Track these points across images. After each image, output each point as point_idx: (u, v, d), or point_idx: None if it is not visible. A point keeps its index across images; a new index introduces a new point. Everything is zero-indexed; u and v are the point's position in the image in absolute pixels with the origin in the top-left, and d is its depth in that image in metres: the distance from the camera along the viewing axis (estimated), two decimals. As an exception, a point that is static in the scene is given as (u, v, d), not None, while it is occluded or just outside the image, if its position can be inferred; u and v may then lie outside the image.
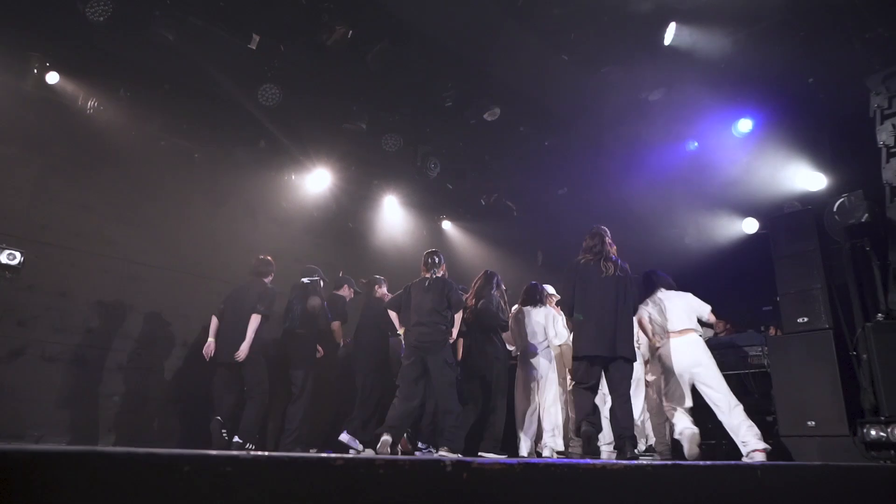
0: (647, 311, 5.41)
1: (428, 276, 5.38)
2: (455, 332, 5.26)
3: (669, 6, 5.99)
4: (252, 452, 0.98)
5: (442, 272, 5.42)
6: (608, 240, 4.91)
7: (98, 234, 6.13)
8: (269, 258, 6.22)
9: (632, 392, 4.82)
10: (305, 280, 6.41)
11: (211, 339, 5.83)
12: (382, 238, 8.61)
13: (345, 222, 8.34)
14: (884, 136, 5.78)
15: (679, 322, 5.30)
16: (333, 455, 1.10)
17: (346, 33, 5.83)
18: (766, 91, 7.02)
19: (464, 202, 8.92)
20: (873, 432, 4.83)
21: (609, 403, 4.74)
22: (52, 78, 5.85)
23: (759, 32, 6.43)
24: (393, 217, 8.67)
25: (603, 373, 4.68)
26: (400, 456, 1.21)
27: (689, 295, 5.53)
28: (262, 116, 6.59)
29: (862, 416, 5.23)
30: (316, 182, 7.76)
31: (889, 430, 4.78)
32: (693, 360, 5.20)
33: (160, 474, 0.91)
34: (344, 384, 6.57)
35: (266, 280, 6.08)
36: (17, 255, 5.23)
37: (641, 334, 5.45)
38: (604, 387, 4.84)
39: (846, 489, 3.02)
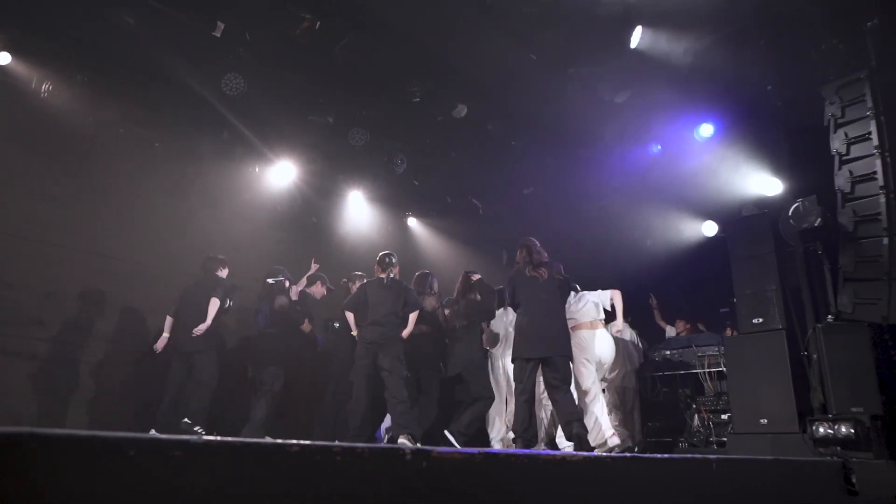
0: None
1: (384, 276, 5.49)
2: (408, 331, 5.42)
3: (637, 9, 6.08)
4: (204, 437, 0.94)
5: (396, 272, 5.47)
6: (536, 248, 5.27)
7: (49, 223, 5.91)
8: (218, 256, 6.14)
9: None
10: (270, 281, 6.33)
11: (165, 335, 5.84)
12: (347, 233, 8.53)
13: (309, 217, 8.23)
14: (837, 143, 5.96)
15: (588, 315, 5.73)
16: (290, 441, 1.07)
17: (314, 24, 5.74)
18: (727, 97, 7.20)
19: (430, 199, 8.90)
20: (821, 429, 4.99)
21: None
22: (4, 59, 5.61)
23: (722, 39, 6.59)
24: (358, 212, 8.60)
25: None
26: (358, 444, 1.19)
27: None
28: (226, 106, 6.45)
29: (811, 414, 5.41)
30: (280, 175, 7.64)
31: (836, 427, 4.94)
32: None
33: (104, 458, 0.86)
34: (319, 382, 6.53)
35: (218, 274, 6.02)
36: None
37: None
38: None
39: (795, 482, 3.11)
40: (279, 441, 1.04)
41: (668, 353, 7.02)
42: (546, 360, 4.84)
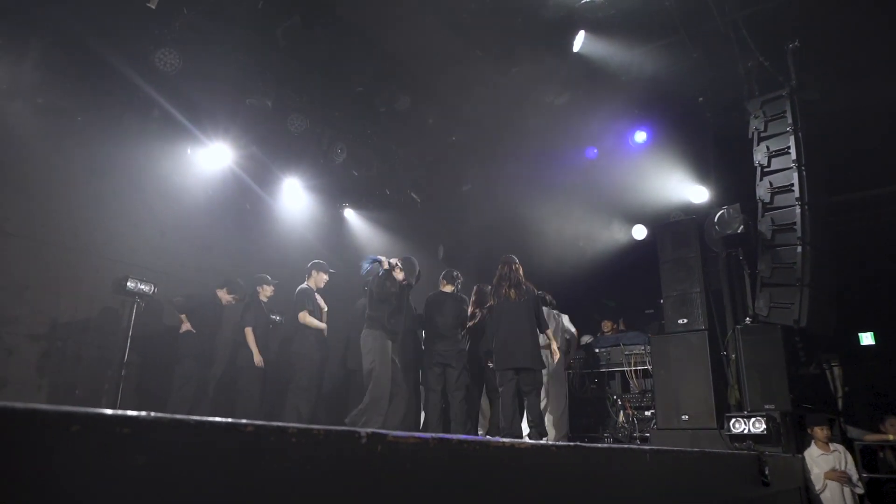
0: None
1: (450, 289, 6.25)
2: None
3: (580, 14, 6.23)
4: (153, 414, 0.88)
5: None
6: (515, 266, 5.65)
7: (-46, 197, 5.45)
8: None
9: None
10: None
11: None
12: (282, 221, 8.30)
13: (242, 203, 7.95)
14: (759, 156, 6.32)
15: None
16: (244, 421, 1.01)
17: (257, 3, 5.56)
18: (660, 105, 7.48)
19: (368, 190, 8.78)
20: (737, 425, 5.28)
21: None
22: None
23: (658, 49, 6.85)
24: (294, 201, 8.38)
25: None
26: (314, 426, 1.16)
27: None
28: (158, 83, 6.12)
29: (728, 410, 5.71)
30: (214, 159, 7.33)
31: (750, 423, 5.23)
32: None
33: (43, 434, 0.79)
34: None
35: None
36: None
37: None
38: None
39: (717, 473, 3.27)
40: (232, 420, 0.98)
41: (596, 350, 7.23)
42: (523, 369, 5.27)
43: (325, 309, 6.63)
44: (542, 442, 1.69)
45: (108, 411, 0.86)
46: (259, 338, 6.54)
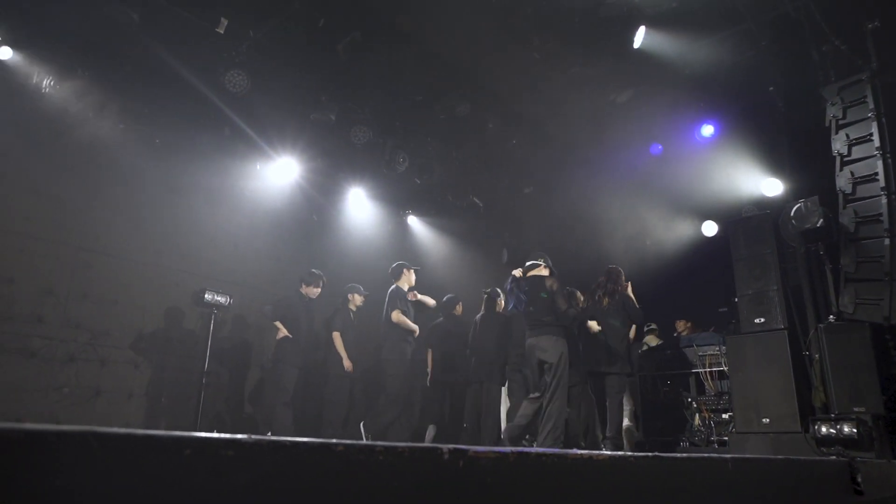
0: None
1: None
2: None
3: (640, 10, 6.09)
4: (253, 437, 0.94)
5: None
6: (618, 277, 6.09)
7: (49, 219, 5.86)
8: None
9: None
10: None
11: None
12: (348, 231, 8.51)
13: (309, 214, 8.21)
14: (838, 145, 5.99)
15: None
16: (334, 441, 1.07)
17: (318, 22, 5.73)
18: (728, 97, 7.22)
19: (430, 197, 8.89)
20: (824, 429, 5.02)
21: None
22: (5, 53, 5.56)
23: (724, 39, 6.61)
24: (359, 210, 8.58)
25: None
26: (398, 443, 1.21)
27: None
28: (228, 103, 6.42)
29: (813, 413, 5.44)
30: (282, 173, 7.61)
31: (838, 426, 4.97)
32: None
33: (160, 457, 0.86)
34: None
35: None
36: (-37, 238, 4.95)
37: None
38: None
39: (804, 481, 3.13)
40: (323, 440, 1.04)
41: (668, 352, 7.04)
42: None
43: (433, 303, 6.78)
44: (619, 453, 1.68)
45: (215, 435, 0.93)
46: (349, 344, 6.66)
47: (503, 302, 6.53)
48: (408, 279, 6.62)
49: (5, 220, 5.57)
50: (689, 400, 6.64)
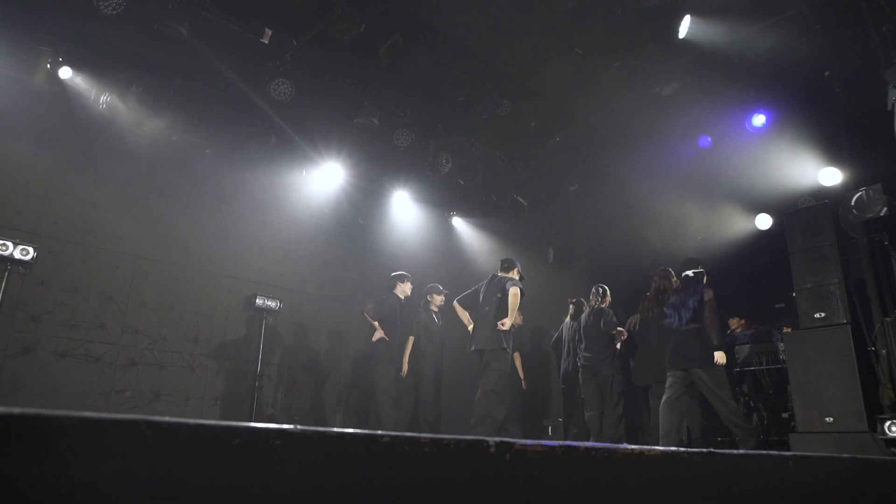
0: None
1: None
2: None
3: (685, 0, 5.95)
4: (300, 427, 0.95)
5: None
6: (670, 279, 6.10)
7: (109, 230, 6.13)
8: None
9: None
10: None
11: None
12: (393, 234, 8.58)
13: (355, 218, 8.31)
14: (901, 129, 5.70)
15: None
16: (380, 432, 1.07)
17: (359, 27, 5.80)
18: (780, 85, 6.96)
19: (474, 198, 8.88)
20: (894, 428, 4.78)
21: None
22: (65, 73, 5.84)
23: (774, 25, 6.38)
24: (403, 213, 8.64)
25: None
26: (444, 435, 1.21)
27: None
28: (274, 112, 6.57)
29: (881, 412, 5.17)
30: (327, 178, 7.74)
31: (909, 425, 4.71)
32: None
33: (211, 446, 0.88)
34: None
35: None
36: (30, 250, 5.20)
37: None
38: None
39: (871, 482, 2.98)
40: (369, 431, 1.04)
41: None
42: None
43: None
44: (672, 448, 1.62)
45: (264, 425, 0.95)
46: (434, 345, 6.88)
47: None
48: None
49: (69, 231, 5.85)
50: (746, 398, 6.42)
